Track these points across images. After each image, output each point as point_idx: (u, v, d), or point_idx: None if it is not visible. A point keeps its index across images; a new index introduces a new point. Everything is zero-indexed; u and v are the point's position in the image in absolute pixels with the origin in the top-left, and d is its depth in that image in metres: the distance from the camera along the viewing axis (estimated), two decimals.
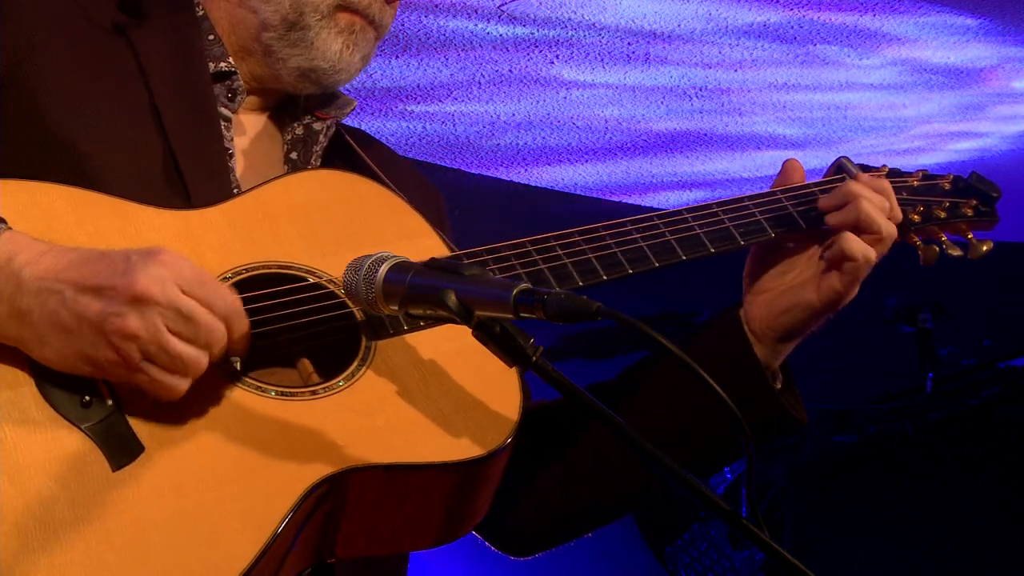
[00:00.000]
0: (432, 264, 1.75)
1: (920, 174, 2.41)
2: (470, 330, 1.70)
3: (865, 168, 2.35)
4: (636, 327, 1.56)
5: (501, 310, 1.64)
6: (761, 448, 1.61)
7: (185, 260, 1.72)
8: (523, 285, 1.63)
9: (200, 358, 1.70)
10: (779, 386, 2.18)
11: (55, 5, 2.01)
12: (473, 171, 5.89)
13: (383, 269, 1.76)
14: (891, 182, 2.34)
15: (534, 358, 1.64)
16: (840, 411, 8.33)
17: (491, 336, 1.66)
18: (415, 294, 1.72)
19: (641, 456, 1.63)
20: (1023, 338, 7.71)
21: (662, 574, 8.58)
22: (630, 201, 6.40)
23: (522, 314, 1.61)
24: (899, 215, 2.19)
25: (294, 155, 2.17)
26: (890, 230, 2.14)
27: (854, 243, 2.10)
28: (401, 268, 1.75)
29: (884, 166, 2.39)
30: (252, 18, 2.11)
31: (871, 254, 2.11)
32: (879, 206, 2.14)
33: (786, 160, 2.29)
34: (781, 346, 2.16)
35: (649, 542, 8.62)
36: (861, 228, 2.12)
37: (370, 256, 1.78)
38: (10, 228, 1.72)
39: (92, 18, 2.04)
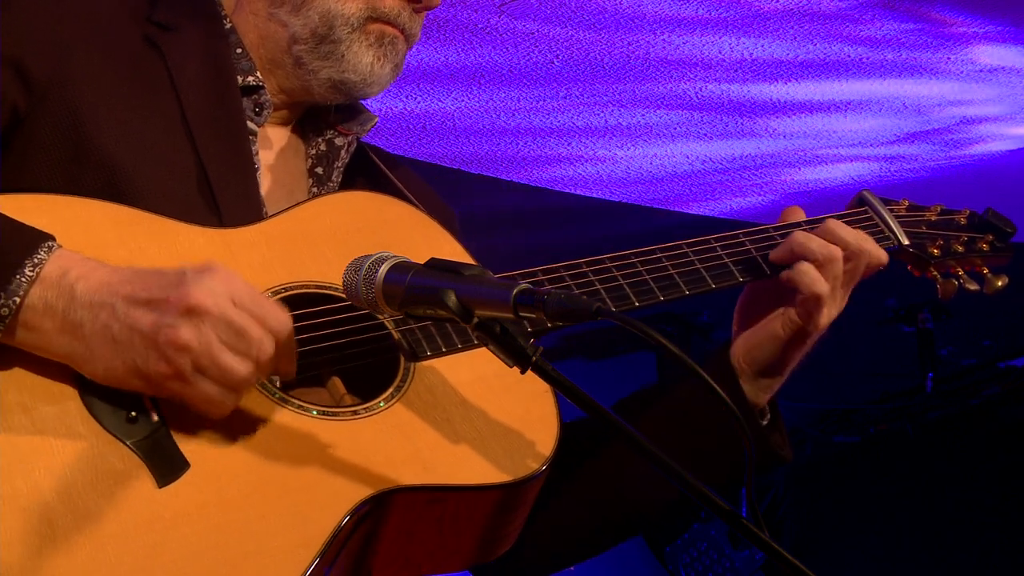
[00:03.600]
0: (432, 264, 1.74)
1: (937, 208, 2.41)
2: None
3: (886, 201, 2.35)
4: (636, 328, 1.56)
5: (501, 310, 1.63)
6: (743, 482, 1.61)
7: (238, 276, 1.70)
8: (523, 285, 1.62)
9: (250, 374, 1.68)
10: (765, 423, 2.18)
11: (94, 13, 1.99)
12: (473, 171, 5.89)
13: (383, 269, 1.74)
14: (909, 216, 2.35)
15: (534, 358, 1.63)
16: (840, 411, 8.34)
17: (491, 336, 1.66)
18: (415, 294, 1.71)
19: (640, 454, 1.62)
20: (1023, 338, 7.71)
21: (662, 574, 8.58)
22: (631, 200, 6.40)
23: (522, 314, 1.61)
24: (871, 255, 2.15)
25: (319, 170, 2.16)
26: (831, 253, 2.10)
27: (803, 275, 2.09)
28: (401, 268, 1.74)
29: (904, 200, 2.39)
30: (282, 31, 2.09)
31: (818, 287, 2.09)
32: (820, 245, 2.11)
33: (785, 208, 2.27)
34: (764, 381, 2.16)
35: (649, 542, 8.62)
36: (800, 256, 2.11)
37: (370, 256, 1.77)
38: (60, 246, 1.71)
39: (126, 27, 2.02)
